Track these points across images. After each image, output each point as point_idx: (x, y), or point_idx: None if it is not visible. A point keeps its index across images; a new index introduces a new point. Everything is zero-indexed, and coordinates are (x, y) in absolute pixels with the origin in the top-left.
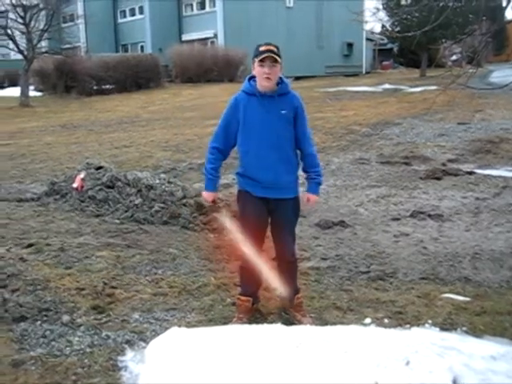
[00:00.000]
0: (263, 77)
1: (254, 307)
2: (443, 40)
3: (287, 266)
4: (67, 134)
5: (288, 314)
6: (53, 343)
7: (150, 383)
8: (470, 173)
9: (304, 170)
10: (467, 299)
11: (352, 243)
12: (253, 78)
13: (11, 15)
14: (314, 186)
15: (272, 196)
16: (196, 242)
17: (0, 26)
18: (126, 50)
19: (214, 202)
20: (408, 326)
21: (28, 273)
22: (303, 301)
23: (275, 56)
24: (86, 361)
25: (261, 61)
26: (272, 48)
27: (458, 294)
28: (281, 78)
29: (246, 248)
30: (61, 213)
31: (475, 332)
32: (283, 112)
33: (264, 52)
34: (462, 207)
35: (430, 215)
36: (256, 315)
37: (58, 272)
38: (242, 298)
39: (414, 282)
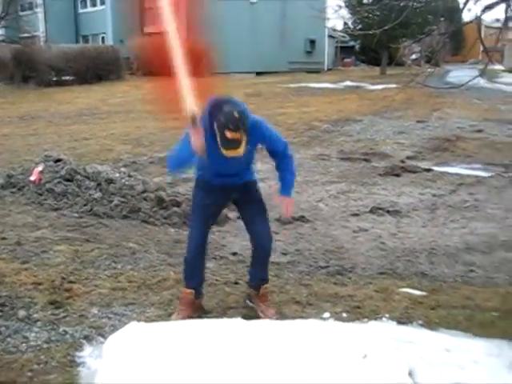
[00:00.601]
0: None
1: (197, 302)
2: (403, 39)
3: (264, 253)
4: (25, 126)
5: (252, 303)
6: (8, 339)
7: (108, 379)
8: (428, 170)
9: (279, 170)
10: (423, 293)
11: (312, 238)
12: None
13: None
14: (286, 186)
15: (232, 182)
16: (156, 237)
17: None
18: (87, 41)
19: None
20: (366, 320)
21: None
22: (268, 292)
23: (241, 148)
24: (42, 357)
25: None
26: (238, 137)
27: (414, 288)
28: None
29: None
30: (17, 206)
31: (430, 325)
32: (250, 148)
33: (231, 143)
34: (419, 203)
35: (388, 211)
36: (217, 309)
37: (15, 266)
38: (187, 290)
39: (372, 276)
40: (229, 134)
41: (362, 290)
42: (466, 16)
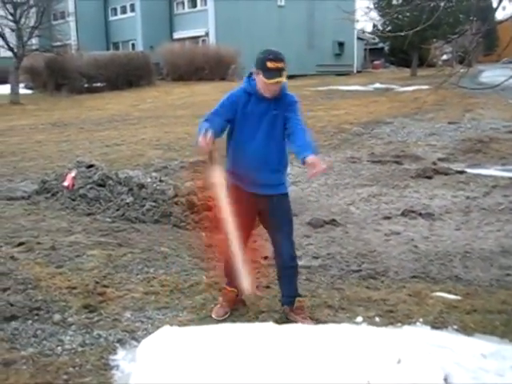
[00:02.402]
0: (268, 91)
1: (238, 299)
2: (434, 40)
3: (285, 270)
4: (58, 132)
5: (288, 319)
6: (44, 342)
7: (141, 382)
8: (461, 172)
9: (295, 143)
10: (458, 298)
11: (343, 242)
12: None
13: (1, 12)
14: (311, 148)
15: (263, 192)
16: (187, 241)
17: None
18: (117, 48)
19: (210, 154)
20: (399, 324)
21: (19, 272)
22: (305, 305)
23: (283, 77)
24: (77, 360)
25: (265, 77)
26: (281, 66)
27: (448, 292)
28: None
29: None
30: (52, 211)
31: (466, 330)
32: (275, 112)
33: (272, 72)
34: (452, 206)
35: (420, 214)
36: (249, 313)
37: (49, 271)
38: (228, 288)
39: (405, 280)
40: (270, 64)
41: (394, 293)
42: (500, 15)
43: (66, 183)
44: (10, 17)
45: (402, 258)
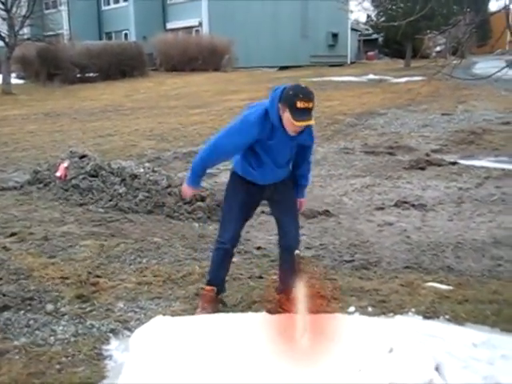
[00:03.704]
0: (292, 130)
1: (219, 298)
2: (428, 31)
3: (289, 255)
4: (50, 122)
5: (284, 309)
6: (37, 332)
7: (134, 372)
8: (454, 163)
9: (298, 174)
10: (450, 288)
11: (336, 232)
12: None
13: None
14: (303, 190)
15: (269, 182)
16: (180, 231)
17: None
18: (110, 38)
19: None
20: (391, 314)
21: (11, 262)
22: None
23: (312, 119)
24: (70, 350)
25: (294, 119)
26: (311, 106)
27: (440, 282)
28: None
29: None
30: (44, 202)
31: (457, 320)
32: (294, 143)
33: (302, 112)
34: (445, 197)
35: (413, 205)
36: (242, 304)
37: (42, 261)
38: (207, 287)
39: (397, 270)
40: (300, 104)
41: (387, 284)
42: (494, 6)
43: (58, 173)
44: (1, 5)
45: (395, 248)
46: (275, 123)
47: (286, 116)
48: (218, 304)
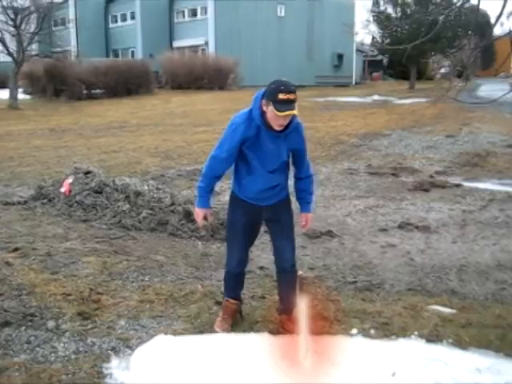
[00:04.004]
0: (277, 124)
1: (240, 310)
2: (432, 53)
3: (285, 276)
4: (56, 138)
5: (286, 329)
6: (37, 349)
7: None
8: (458, 185)
9: (298, 189)
10: (453, 311)
11: (339, 253)
12: (259, 105)
13: (1, 17)
14: (308, 205)
15: (268, 203)
16: (183, 250)
17: None
18: (117, 56)
19: (205, 218)
20: (394, 337)
21: (13, 277)
22: None
23: (295, 109)
24: (70, 368)
25: (277, 110)
26: (293, 98)
27: (444, 305)
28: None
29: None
30: (48, 217)
31: (461, 344)
32: (284, 145)
33: (284, 103)
34: (448, 219)
35: (417, 227)
36: (243, 324)
37: (44, 277)
38: (231, 300)
39: (400, 293)
40: (282, 95)
41: (390, 306)
42: (498, 30)
43: (62, 189)
44: (11, 22)
45: (398, 270)
46: (257, 121)
47: (270, 109)
48: (237, 316)
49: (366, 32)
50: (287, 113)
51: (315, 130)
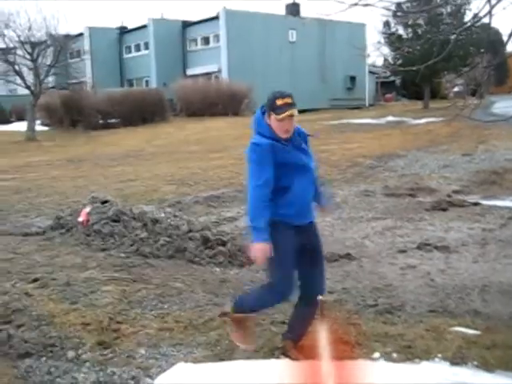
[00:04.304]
0: (283, 130)
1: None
2: (445, 72)
3: (310, 309)
4: (73, 168)
5: (289, 356)
6: (58, 380)
7: None
8: (476, 204)
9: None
10: (477, 333)
11: (358, 276)
12: (262, 121)
13: (19, 52)
14: (321, 198)
15: (307, 220)
16: (202, 276)
17: (8, 62)
18: (132, 85)
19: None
20: (417, 360)
21: (33, 308)
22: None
23: (294, 109)
24: None
25: (277, 114)
26: (289, 101)
27: (467, 327)
28: None
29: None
30: (66, 247)
31: (486, 366)
32: (303, 146)
33: (283, 108)
34: (468, 238)
35: (436, 247)
36: (264, 349)
37: (64, 307)
38: (251, 315)
39: (422, 315)
40: (279, 101)
41: (412, 328)
42: (510, 47)
43: (80, 219)
44: (28, 56)
45: (419, 291)
46: (268, 135)
47: (273, 118)
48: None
49: (377, 54)
50: (287, 113)
51: (330, 153)
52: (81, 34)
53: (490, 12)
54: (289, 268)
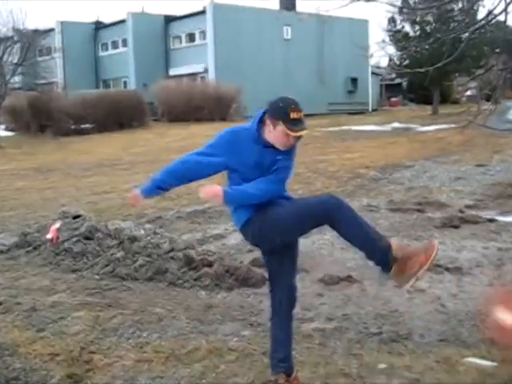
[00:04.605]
0: (284, 144)
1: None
2: (456, 74)
3: (290, 321)
4: (41, 178)
5: None
6: None
7: None
8: (491, 220)
9: None
10: (493, 364)
11: (361, 301)
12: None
13: None
14: None
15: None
16: (185, 301)
17: None
18: (108, 86)
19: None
20: None
21: None
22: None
23: (306, 130)
24: None
25: (290, 130)
26: (303, 117)
27: (482, 358)
28: None
29: None
30: (33, 267)
31: None
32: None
33: (298, 124)
34: (483, 259)
35: (447, 268)
36: (254, 383)
37: (29, 335)
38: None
39: (431, 344)
40: (294, 114)
41: (420, 359)
42: None
43: (49, 236)
44: None
45: (428, 318)
46: (259, 140)
47: (280, 130)
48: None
49: (381, 54)
50: (302, 132)
51: (329, 163)
52: (51, 30)
53: (505, 9)
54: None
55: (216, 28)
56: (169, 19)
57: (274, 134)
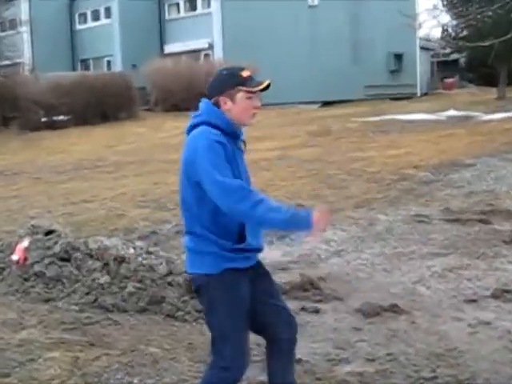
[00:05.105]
0: (251, 113)
1: None
2: None
3: (291, 344)
4: (4, 184)
5: None
6: None
7: None
8: None
9: None
10: None
11: (409, 337)
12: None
13: None
14: None
15: (256, 259)
16: (186, 338)
17: None
18: (87, 68)
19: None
20: None
21: None
22: None
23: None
24: None
25: (251, 91)
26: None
27: None
28: None
29: None
30: None
31: None
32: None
33: (254, 80)
34: None
35: None
36: None
37: None
38: None
39: None
40: (245, 72)
41: None
42: None
43: (15, 257)
44: None
45: (495, 358)
46: (228, 128)
47: (241, 96)
48: None
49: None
50: (265, 83)
51: (368, 162)
52: None
53: None
54: (240, 337)
55: None
56: None
57: (237, 105)
